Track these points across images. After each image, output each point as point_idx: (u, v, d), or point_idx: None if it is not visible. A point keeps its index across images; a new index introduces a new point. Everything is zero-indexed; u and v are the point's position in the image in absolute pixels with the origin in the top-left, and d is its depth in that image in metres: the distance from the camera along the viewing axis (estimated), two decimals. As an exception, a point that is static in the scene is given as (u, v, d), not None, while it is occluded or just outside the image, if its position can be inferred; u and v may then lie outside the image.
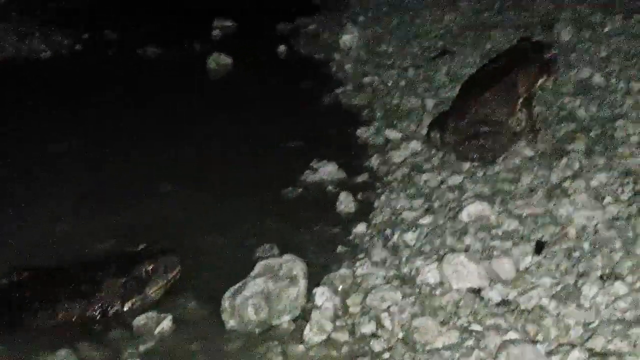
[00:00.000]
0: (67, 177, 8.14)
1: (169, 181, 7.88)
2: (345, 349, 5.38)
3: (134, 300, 5.90)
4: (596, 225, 5.91)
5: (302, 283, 5.66)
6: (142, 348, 5.55)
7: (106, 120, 9.54)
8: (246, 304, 5.56)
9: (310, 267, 5.94)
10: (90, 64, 12.02)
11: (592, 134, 7.46)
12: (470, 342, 5.13)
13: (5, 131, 9.19)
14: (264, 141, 8.74)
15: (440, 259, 5.84)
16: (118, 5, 14.63)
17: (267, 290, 5.60)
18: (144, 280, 5.92)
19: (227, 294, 5.68)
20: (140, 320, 5.75)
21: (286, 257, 5.79)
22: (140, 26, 13.61)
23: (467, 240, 6.11)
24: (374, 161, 8.02)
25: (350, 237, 6.77)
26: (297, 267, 5.69)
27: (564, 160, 6.89)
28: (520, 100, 7.45)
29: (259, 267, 5.77)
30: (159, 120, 9.41)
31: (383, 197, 7.19)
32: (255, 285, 5.61)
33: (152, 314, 5.79)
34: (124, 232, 7.01)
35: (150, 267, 5.90)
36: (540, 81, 7.57)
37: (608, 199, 6.29)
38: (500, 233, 6.17)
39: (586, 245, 5.81)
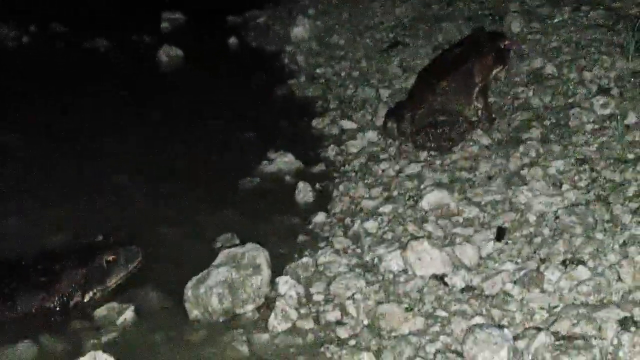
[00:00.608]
0: (11, 171, 7.89)
1: (121, 173, 7.79)
2: (310, 337, 5.36)
3: (94, 291, 5.83)
4: (556, 211, 5.89)
5: (266, 272, 5.64)
6: (104, 339, 5.47)
7: (55, 113, 9.37)
8: (210, 293, 5.50)
9: (271, 257, 5.88)
10: (38, 57, 11.83)
11: (546, 122, 7.54)
12: (436, 328, 5.15)
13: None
14: (218, 133, 8.69)
15: (403, 247, 5.76)
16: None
17: (230, 279, 5.56)
18: (104, 271, 5.85)
19: (190, 283, 5.62)
20: (101, 311, 5.68)
21: (249, 245, 5.74)
22: (87, 19, 13.29)
23: (429, 227, 6.14)
24: (331, 151, 8.00)
25: (310, 227, 6.75)
26: (260, 255, 5.66)
27: (521, 149, 6.94)
28: (477, 89, 7.50)
29: (221, 256, 5.71)
30: (110, 113, 9.28)
31: (341, 187, 7.17)
32: (218, 274, 5.56)
33: (113, 304, 5.72)
34: (77, 225, 6.91)
35: (111, 258, 5.83)
36: (495, 71, 7.59)
37: (566, 186, 6.33)
38: (460, 220, 6.20)
39: (546, 231, 5.87)
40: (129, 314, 5.61)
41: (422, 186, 6.74)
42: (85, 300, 5.80)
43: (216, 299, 5.48)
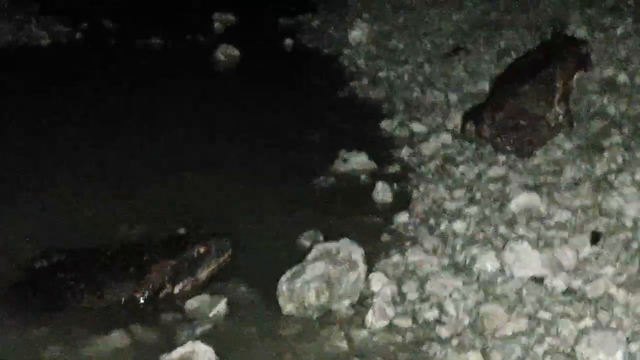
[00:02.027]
0: (80, 161, 7.90)
1: (193, 169, 7.69)
2: (409, 335, 5.27)
3: (185, 282, 5.72)
4: (652, 217, 5.79)
5: (362, 267, 5.55)
6: (198, 331, 5.35)
7: (120, 108, 9.33)
8: (307, 287, 5.40)
9: (359, 255, 5.71)
10: (93, 52, 11.80)
11: (625, 130, 7.46)
12: (540, 330, 5.06)
13: (10, 118, 8.80)
14: (286, 132, 8.64)
15: (500, 248, 5.67)
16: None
17: (327, 274, 5.45)
18: (195, 263, 5.70)
19: (284, 277, 5.51)
20: (192, 303, 5.57)
21: (343, 241, 5.65)
22: (137, 17, 13.24)
23: (520, 230, 6.06)
24: (404, 153, 7.94)
25: (393, 226, 6.67)
26: (356, 251, 5.57)
27: (607, 154, 6.82)
28: (558, 94, 7.37)
29: (315, 251, 5.62)
30: (175, 110, 9.24)
31: (421, 188, 7.10)
32: (315, 268, 5.47)
33: (205, 297, 5.62)
34: (153, 217, 6.82)
35: (203, 249, 5.70)
36: (576, 76, 7.50)
37: (655, 192, 6.17)
38: (552, 224, 6.12)
39: (641, 237, 5.69)
40: (221, 306, 5.51)
41: (507, 189, 6.60)
42: (176, 292, 5.69)
43: (313, 293, 5.38)
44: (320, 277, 5.45)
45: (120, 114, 9.08)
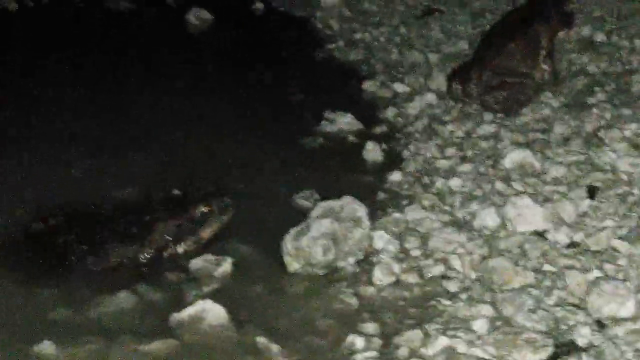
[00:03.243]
0: (64, 123, 7.76)
1: (181, 130, 7.53)
2: (417, 290, 5.28)
3: (188, 242, 5.62)
4: (645, 171, 5.84)
5: (366, 225, 5.54)
6: (206, 289, 5.29)
7: (97, 71, 9.15)
8: (314, 244, 5.38)
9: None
10: (62, 17, 11.44)
11: (607, 87, 7.49)
12: (547, 283, 5.08)
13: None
14: (269, 94, 8.54)
15: (498, 204, 5.70)
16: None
17: (333, 231, 5.41)
18: (198, 222, 5.62)
19: (289, 236, 5.47)
20: (197, 263, 5.51)
21: (346, 198, 5.64)
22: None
23: (517, 186, 6.09)
24: (390, 113, 7.96)
25: (387, 185, 6.64)
26: (360, 209, 5.57)
27: (595, 110, 6.86)
28: (544, 52, 7.38)
29: (319, 208, 5.59)
30: (155, 73, 9.07)
31: (412, 147, 7.12)
32: (321, 226, 5.43)
33: (209, 256, 5.56)
34: (144, 178, 6.68)
35: (206, 209, 5.63)
36: (561, 33, 7.52)
37: (644, 147, 6.23)
38: (548, 179, 6.12)
39: (636, 190, 5.75)
40: (226, 265, 5.47)
41: (499, 146, 6.61)
42: (179, 252, 5.59)
43: (320, 250, 5.35)
44: (327, 234, 5.42)
45: (98, 77, 8.87)
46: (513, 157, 6.34)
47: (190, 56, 9.76)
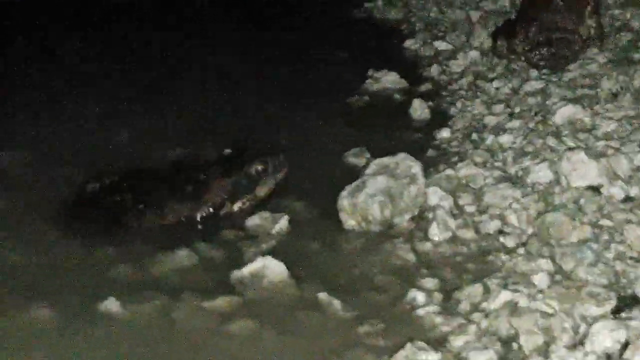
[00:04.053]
0: (108, 88, 7.76)
1: (224, 90, 7.44)
2: (473, 246, 5.18)
3: (244, 200, 5.58)
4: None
5: (422, 181, 5.44)
6: (264, 247, 5.24)
7: (130, 44, 9.05)
8: (371, 201, 5.29)
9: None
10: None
11: (652, 44, 7.25)
12: (605, 237, 4.95)
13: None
14: (311, 52, 8.38)
15: (551, 159, 5.56)
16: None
17: (389, 188, 5.33)
18: (254, 180, 5.54)
19: (345, 192, 5.38)
20: (254, 220, 5.44)
21: (401, 155, 5.55)
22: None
23: (569, 141, 5.95)
24: (434, 71, 7.83)
25: (436, 142, 6.54)
26: (415, 165, 5.49)
27: (643, 66, 6.68)
28: (589, 7, 7.21)
29: (374, 165, 5.50)
30: (191, 37, 8.99)
31: (458, 104, 7.01)
32: (377, 182, 5.35)
33: (265, 214, 5.48)
34: (195, 137, 6.58)
35: (261, 167, 5.56)
36: (608, -12, 7.34)
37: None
38: (599, 134, 6.00)
39: (690, 147, 5.60)
40: (283, 223, 5.38)
41: (547, 102, 6.47)
42: (235, 210, 5.52)
43: (377, 207, 5.26)
44: (383, 190, 5.34)
45: (132, 51, 8.75)
46: (563, 113, 6.22)
47: (222, 18, 9.52)
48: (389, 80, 7.54)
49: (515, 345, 4.12)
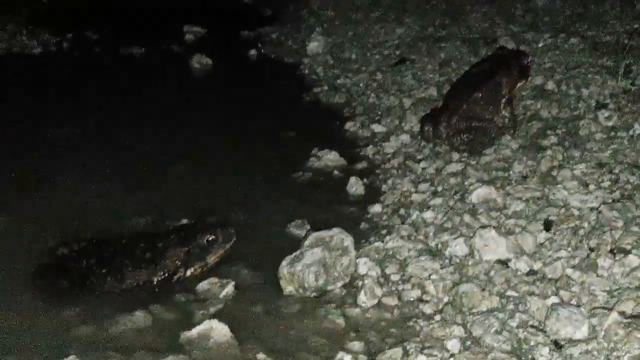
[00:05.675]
0: (80, 158, 7.72)
1: (182, 164, 7.55)
2: (397, 312, 5.29)
3: (196, 267, 5.63)
4: (596, 207, 5.86)
5: (353, 253, 5.55)
6: (212, 310, 5.28)
7: (109, 110, 9.15)
8: (307, 271, 5.39)
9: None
10: (81, 60, 11.48)
11: (558, 131, 7.50)
12: (510, 306, 5.08)
13: (11, 119, 8.57)
14: (261, 132, 8.49)
15: (466, 234, 5.70)
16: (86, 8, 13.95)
17: (324, 259, 5.42)
18: (205, 249, 5.62)
19: (284, 262, 5.49)
20: (204, 286, 5.52)
21: (335, 230, 5.66)
22: (115, 28, 12.99)
23: (482, 219, 6.05)
24: (369, 151, 7.95)
25: (369, 216, 6.61)
26: (348, 239, 5.59)
27: (549, 152, 6.88)
28: (504, 99, 7.46)
29: (311, 238, 5.61)
30: (162, 112, 9.06)
31: (390, 182, 7.12)
32: (313, 254, 5.46)
33: (214, 279, 5.58)
34: (156, 209, 6.67)
35: (212, 237, 5.63)
36: (519, 84, 7.59)
37: (592, 186, 6.31)
38: (509, 213, 6.12)
39: (586, 224, 5.77)
40: (230, 288, 5.47)
41: (466, 182, 6.63)
42: (188, 275, 5.60)
43: (313, 276, 5.35)
44: (318, 261, 5.43)
45: (113, 116, 8.85)
46: (479, 193, 6.35)
47: (193, 97, 9.71)
48: (330, 158, 7.63)
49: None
